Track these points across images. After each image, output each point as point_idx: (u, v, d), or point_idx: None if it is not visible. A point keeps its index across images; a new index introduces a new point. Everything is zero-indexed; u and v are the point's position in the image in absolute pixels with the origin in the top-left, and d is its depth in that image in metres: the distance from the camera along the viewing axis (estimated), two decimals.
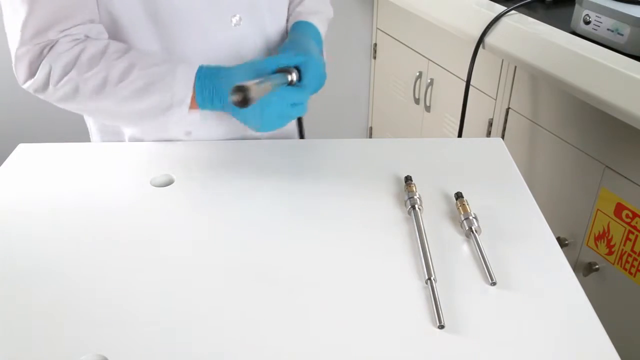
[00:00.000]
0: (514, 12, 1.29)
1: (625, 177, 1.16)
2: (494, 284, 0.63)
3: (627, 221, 1.17)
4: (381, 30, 2.06)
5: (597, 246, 1.26)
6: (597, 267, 1.26)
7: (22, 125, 1.77)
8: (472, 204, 0.73)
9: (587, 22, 1.14)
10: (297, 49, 0.84)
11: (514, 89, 1.43)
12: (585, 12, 1.14)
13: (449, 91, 1.71)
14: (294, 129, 1.05)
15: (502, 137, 1.49)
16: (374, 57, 2.15)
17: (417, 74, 1.84)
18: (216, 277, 0.65)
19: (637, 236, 1.15)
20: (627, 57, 1.05)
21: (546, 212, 0.75)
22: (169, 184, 0.82)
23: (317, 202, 0.77)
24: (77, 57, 0.78)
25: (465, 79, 1.37)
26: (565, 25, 1.20)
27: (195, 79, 0.79)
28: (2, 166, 0.86)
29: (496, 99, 1.50)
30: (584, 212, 1.27)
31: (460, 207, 0.73)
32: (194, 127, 0.90)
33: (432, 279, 0.62)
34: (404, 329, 0.58)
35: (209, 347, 0.56)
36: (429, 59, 1.78)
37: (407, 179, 0.79)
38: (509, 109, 1.46)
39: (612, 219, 1.20)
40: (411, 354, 0.56)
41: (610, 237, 1.22)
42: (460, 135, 1.45)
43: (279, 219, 0.74)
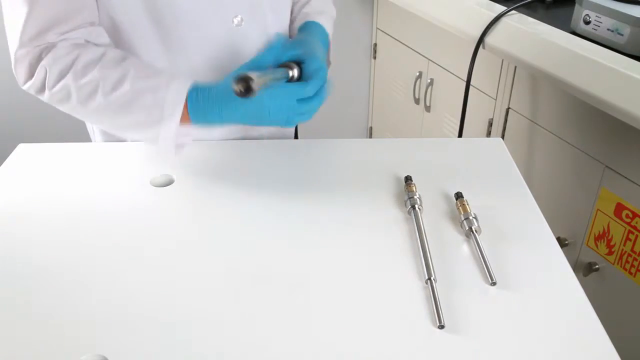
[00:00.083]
0: (514, 12, 1.29)
1: (625, 177, 1.16)
2: (494, 284, 0.63)
3: (627, 221, 1.17)
4: (381, 30, 2.06)
5: (597, 246, 1.26)
6: (597, 267, 1.26)
7: (22, 125, 1.77)
8: (472, 204, 0.73)
9: (587, 22, 1.14)
10: (299, 45, 0.82)
11: (514, 89, 1.43)
12: (585, 12, 1.14)
13: (449, 91, 1.71)
14: (291, 130, 1.04)
15: (502, 137, 1.49)
16: (374, 57, 2.15)
17: (417, 74, 1.84)
18: (216, 276, 0.65)
19: (637, 236, 1.15)
20: (627, 57, 1.05)
21: (546, 212, 0.75)
22: (169, 184, 0.82)
23: (317, 202, 0.77)
24: (73, 63, 0.77)
25: (465, 79, 1.36)
26: (565, 25, 1.20)
27: (187, 94, 0.76)
28: (2, 166, 0.86)
29: (496, 99, 1.50)
30: (584, 212, 1.27)
31: (460, 207, 0.73)
32: (187, 140, 0.84)
33: (432, 279, 0.62)
34: (404, 328, 0.58)
35: (209, 347, 0.56)
36: (429, 59, 1.78)
37: (407, 179, 0.79)
38: (509, 109, 1.46)
39: (612, 219, 1.20)
40: (411, 354, 0.56)
41: (610, 237, 1.22)
42: (460, 135, 1.45)
43: (279, 219, 0.74)
